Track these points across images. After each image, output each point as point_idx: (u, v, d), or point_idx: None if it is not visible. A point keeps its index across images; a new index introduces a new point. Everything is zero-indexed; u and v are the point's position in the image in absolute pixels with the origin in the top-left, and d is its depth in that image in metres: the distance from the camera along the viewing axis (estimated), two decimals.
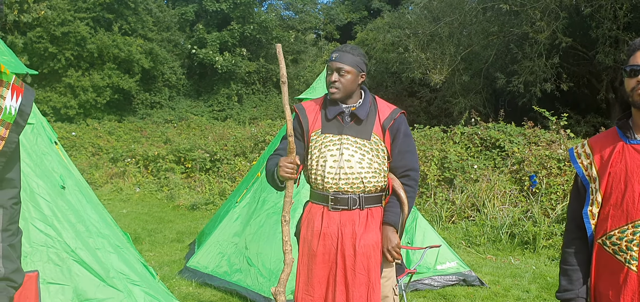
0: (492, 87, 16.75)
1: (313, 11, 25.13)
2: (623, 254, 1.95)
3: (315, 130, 2.81)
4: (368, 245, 2.71)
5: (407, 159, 2.81)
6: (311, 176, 2.83)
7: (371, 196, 2.77)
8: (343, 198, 2.74)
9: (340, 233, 2.73)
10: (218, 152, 12.18)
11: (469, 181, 8.72)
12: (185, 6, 21.52)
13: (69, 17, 16.43)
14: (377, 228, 2.76)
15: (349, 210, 2.74)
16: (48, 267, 3.07)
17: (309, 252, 2.79)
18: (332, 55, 2.78)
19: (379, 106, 2.84)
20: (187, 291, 5.32)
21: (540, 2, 13.29)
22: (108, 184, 11.98)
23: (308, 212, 2.86)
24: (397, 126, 2.80)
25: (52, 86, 17.44)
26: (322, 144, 2.77)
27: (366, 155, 2.73)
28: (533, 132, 9.65)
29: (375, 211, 2.79)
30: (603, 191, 2.03)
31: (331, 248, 2.73)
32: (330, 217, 2.76)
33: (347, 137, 2.74)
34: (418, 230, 5.53)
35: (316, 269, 2.75)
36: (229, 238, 5.52)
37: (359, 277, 2.69)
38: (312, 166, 2.79)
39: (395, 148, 2.80)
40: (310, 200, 2.89)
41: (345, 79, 2.73)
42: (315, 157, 2.77)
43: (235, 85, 20.36)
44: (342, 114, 2.78)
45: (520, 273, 6.01)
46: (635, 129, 2.01)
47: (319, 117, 2.83)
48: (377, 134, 2.77)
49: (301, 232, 2.87)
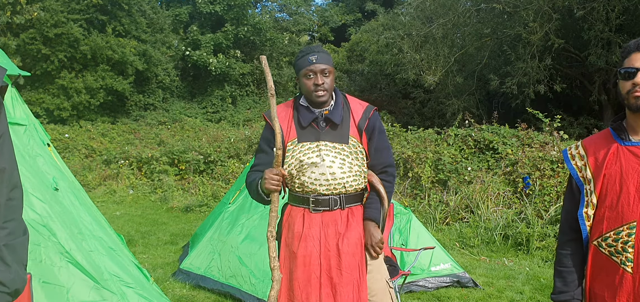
0: (486, 89, 16.79)
1: (307, 13, 25.12)
2: (619, 255, 1.96)
3: (291, 140, 2.75)
4: (352, 243, 2.71)
5: (384, 156, 2.82)
6: (290, 184, 2.79)
7: (351, 195, 2.76)
8: (324, 200, 2.73)
9: (322, 234, 2.71)
10: (212, 154, 12.15)
11: (463, 183, 8.74)
12: (179, 8, 21.47)
13: (62, 18, 16.35)
14: (359, 225, 2.76)
15: (330, 211, 2.73)
16: (42, 267, 3.05)
17: (289, 255, 2.76)
18: (309, 58, 2.68)
19: (352, 105, 2.81)
20: (181, 293, 5.30)
21: (533, 4, 13.33)
22: (101, 186, 11.93)
23: (288, 215, 2.83)
24: (372, 125, 2.79)
25: (45, 88, 17.34)
26: (300, 153, 2.72)
27: (346, 159, 2.71)
28: (526, 133, 9.68)
29: (356, 209, 2.78)
30: (598, 192, 2.03)
31: (313, 250, 2.71)
32: (311, 219, 2.74)
33: (325, 144, 2.71)
34: (412, 232, 5.54)
35: (297, 272, 2.72)
36: (222, 240, 5.51)
37: (346, 276, 2.67)
38: (291, 175, 2.75)
39: (372, 147, 2.80)
40: (289, 203, 2.86)
41: (329, 78, 2.70)
42: (294, 166, 2.73)
43: (229, 87, 20.32)
44: (316, 119, 2.74)
45: (513, 275, 6.03)
46: (629, 131, 2.01)
47: (292, 126, 2.77)
48: (354, 136, 2.75)
49: (282, 235, 2.83)
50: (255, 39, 20.73)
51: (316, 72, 2.67)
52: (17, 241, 1.53)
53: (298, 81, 2.79)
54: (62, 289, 3.07)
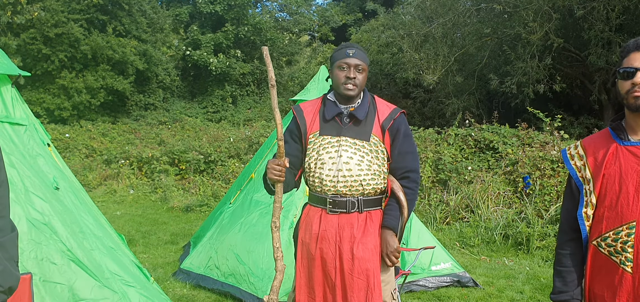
0: (486, 89, 16.78)
1: (307, 13, 25.11)
2: (618, 255, 1.96)
3: (313, 133, 2.76)
4: (367, 249, 2.66)
5: (407, 160, 2.75)
6: (309, 179, 2.78)
7: (370, 198, 2.72)
8: (341, 201, 2.70)
9: (338, 237, 2.68)
10: (212, 154, 12.15)
11: (463, 183, 8.74)
12: (180, 8, 21.48)
13: (63, 18, 16.34)
14: (376, 232, 2.71)
15: (347, 213, 2.70)
16: (44, 265, 3.05)
17: (308, 255, 2.75)
18: (346, 52, 2.70)
19: (378, 106, 2.79)
20: (181, 292, 5.31)
21: (533, 4, 13.33)
22: (102, 186, 11.94)
23: (306, 215, 2.82)
24: (396, 126, 2.74)
25: (46, 88, 17.34)
26: (320, 146, 2.72)
27: (365, 157, 2.68)
28: (527, 133, 9.68)
29: (374, 214, 2.74)
30: (597, 192, 2.03)
31: (329, 251, 2.69)
32: (328, 221, 2.71)
33: (345, 139, 2.69)
34: (413, 231, 5.54)
35: (316, 272, 2.72)
36: (222, 239, 5.51)
37: (357, 282, 2.64)
38: (310, 168, 2.74)
39: (395, 149, 2.74)
40: (308, 202, 2.85)
41: (362, 76, 2.69)
42: (314, 159, 2.72)
43: (230, 87, 20.32)
44: (341, 115, 2.73)
45: (514, 274, 6.03)
46: (629, 130, 2.01)
47: (317, 119, 2.77)
48: (377, 135, 2.71)
49: (299, 235, 2.82)
50: (256, 38, 20.73)
51: (350, 66, 2.67)
52: (6, 238, 1.50)
53: (330, 73, 2.79)
54: (63, 287, 3.07)
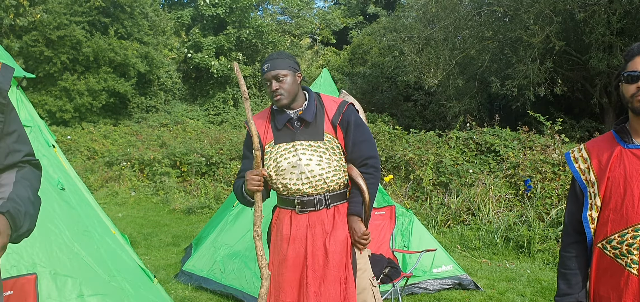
0: (487, 92, 16.80)
1: (309, 16, 25.16)
2: (624, 258, 1.96)
3: (268, 142, 2.83)
4: (338, 242, 2.75)
5: (363, 149, 2.82)
6: (273, 186, 2.86)
7: (336, 193, 2.81)
8: (309, 200, 2.78)
9: (309, 235, 2.77)
10: (214, 156, 12.17)
11: (464, 186, 8.75)
12: (181, 10, 21.52)
13: (65, 20, 16.37)
14: (345, 224, 2.80)
15: (316, 211, 2.79)
16: (56, 257, 3.08)
17: (278, 257, 2.82)
18: (263, 68, 2.78)
19: (325, 103, 2.87)
20: (183, 294, 5.32)
21: (534, 7, 13.35)
22: (103, 188, 11.96)
23: (276, 218, 2.91)
24: (346, 119, 2.82)
25: (48, 90, 17.36)
26: (277, 154, 2.79)
27: (323, 155, 2.76)
28: (528, 136, 9.70)
29: (341, 207, 2.83)
30: (602, 195, 2.04)
31: (300, 251, 2.77)
32: (298, 221, 2.80)
33: (300, 142, 2.77)
34: (414, 234, 5.55)
35: (287, 273, 2.78)
36: (224, 241, 5.53)
37: (331, 274, 2.72)
38: (271, 177, 2.82)
39: (349, 141, 2.82)
40: (277, 205, 2.93)
41: (285, 83, 2.74)
42: (273, 168, 2.80)
43: (231, 90, 20.35)
44: (291, 120, 2.80)
45: (515, 277, 6.04)
46: (633, 133, 2.02)
47: (269, 129, 2.85)
48: (329, 132, 2.80)
49: (271, 238, 2.91)
50: (257, 41, 20.76)
51: (270, 79, 2.74)
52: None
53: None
54: (75, 281, 3.09)
